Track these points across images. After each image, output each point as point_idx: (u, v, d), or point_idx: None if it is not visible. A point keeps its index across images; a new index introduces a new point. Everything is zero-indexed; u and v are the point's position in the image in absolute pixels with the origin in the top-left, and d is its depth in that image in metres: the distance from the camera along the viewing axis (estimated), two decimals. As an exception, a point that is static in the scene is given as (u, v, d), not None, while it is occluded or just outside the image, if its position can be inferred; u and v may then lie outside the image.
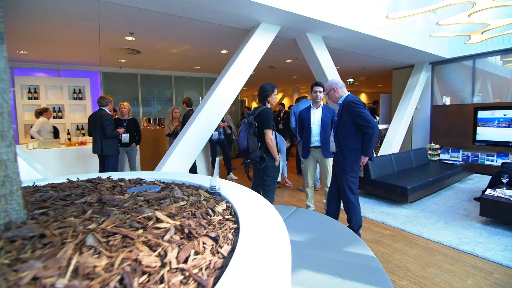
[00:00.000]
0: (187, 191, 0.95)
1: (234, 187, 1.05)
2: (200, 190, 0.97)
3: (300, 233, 1.95)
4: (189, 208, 0.78)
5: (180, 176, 1.30)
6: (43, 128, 4.99)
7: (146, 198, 0.84)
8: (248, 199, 0.90)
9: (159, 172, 1.39)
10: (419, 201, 3.86)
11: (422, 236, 2.78)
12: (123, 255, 0.52)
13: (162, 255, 0.53)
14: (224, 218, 0.74)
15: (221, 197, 0.92)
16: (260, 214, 0.78)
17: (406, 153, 4.89)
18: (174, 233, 0.61)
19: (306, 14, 3.45)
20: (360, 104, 2.36)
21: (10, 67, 5.89)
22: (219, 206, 0.81)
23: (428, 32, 5.05)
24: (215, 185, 0.94)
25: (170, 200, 0.82)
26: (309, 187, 3.50)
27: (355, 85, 11.20)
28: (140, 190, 0.99)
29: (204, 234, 0.62)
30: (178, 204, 0.80)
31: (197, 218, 0.71)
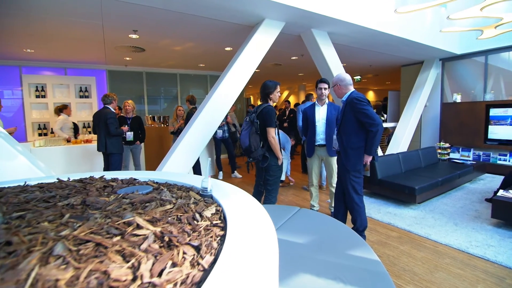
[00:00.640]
0: (177, 193, 0.90)
1: (228, 188, 1.00)
2: (191, 192, 0.92)
3: (302, 235, 1.89)
4: (175, 212, 0.73)
5: (175, 176, 1.25)
6: (64, 125, 5.22)
7: (131, 201, 0.80)
8: (241, 203, 0.84)
9: (153, 172, 1.35)
10: (428, 201, 3.74)
11: (430, 238, 2.68)
12: (91, 266, 0.47)
13: (135, 266, 0.48)
14: (211, 224, 0.68)
15: (212, 200, 0.87)
16: (250, 220, 0.72)
17: (414, 152, 4.76)
18: (153, 241, 0.56)
19: (311, 9, 3.36)
20: (363, 101, 2.27)
21: (18, 65, 5.97)
22: (208, 210, 0.75)
23: (438, 27, 4.89)
24: (206, 186, 0.89)
25: (156, 203, 0.77)
26: (314, 186, 3.43)
27: (362, 82, 11.01)
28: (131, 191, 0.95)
29: (186, 242, 0.57)
30: (164, 207, 0.75)
31: (182, 224, 0.66)
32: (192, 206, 0.77)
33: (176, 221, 0.68)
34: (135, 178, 1.23)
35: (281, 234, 1.89)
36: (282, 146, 4.65)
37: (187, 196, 0.88)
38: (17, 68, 5.98)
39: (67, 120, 5.29)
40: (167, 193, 0.86)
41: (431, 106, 6.55)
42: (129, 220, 0.64)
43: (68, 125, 5.33)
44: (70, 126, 5.40)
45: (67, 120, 5.29)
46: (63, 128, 5.18)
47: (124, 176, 1.25)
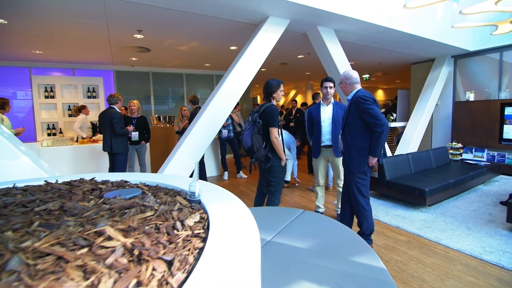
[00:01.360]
0: (163, 197, 0.85)
1: (219, 193, 0.94)
2: (178, 196, 0.86)
3: (304, 239, 1.82)
4: (155, 220, 0.67)
5: (168, 179, 1.20)
6: (83, 124, 5.38)
7: (111, 207, 0.74)
8: (229, 210, 0.78)
9: (146, 173, 1.30)
10: (439, 204, 3.60)
11: (441, 243, 2.56)
12: (45, 284, 0.42)
13: (94, 285, 0.43)
14: (192, 234, 0.62)
15: (200, 206, 0.81)
16: (235, 231, 0.66)
17: (425, 152, 4.60)
18: (122, 255, 0.51)
19: (317, 5, 3.27)
20: (368, 99, 2.17)
21: (27, 67, 6.07)
22: (192, 217, 0.70)
23: (450, 22, 4.71)
24: (194, 191, 0.83)
25: (136, 209, 0.72)
26: (320, 186, 3.34)
27: (371, 81, 10.78)
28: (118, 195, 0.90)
29: (158, 256, 0.51)
30: (144, 214, 0.69)
31: (160, 234, 0.60)
32: (175, 213, 0.71)
33: (154, 231, 0.62)
34: (126, 180, 1.18)
35: (283, 238, 1.82)
36: (288, 147, 4.57)
37: (172, 201, 0.82)
38: (27, 69, 6.09)
39: (85, 120, 5.45)
40: (151, 198, 0.81)
41: (442, 105, 6.34)
42: (100, 229, 0.58)
43: (87, 125, 5.50)
44: (89, 126, 5.58)
45: (85, 120, 5.45)
46: (82, 127, 5.34)
47: (116, 178, 1.21)
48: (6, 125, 3.89)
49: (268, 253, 1.63)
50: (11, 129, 3.94)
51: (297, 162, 4.78)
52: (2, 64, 5.84)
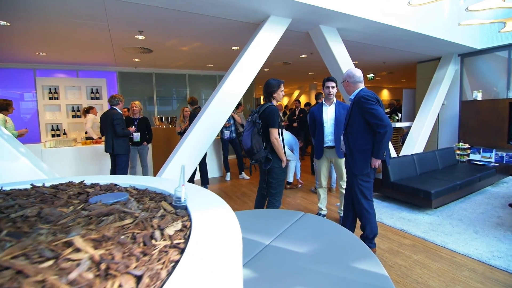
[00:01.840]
0: (147, 203, 0.81)
1: (207, 198, 0.89)
2: (163, 202, 0.82)
3: (304, 243, 1.77)
4: (133, 228, 0.63)
5: (159, 182, 1.16)
6: (94, 124, 5.54)
7: (90, 213, 0.70)
8: (215, 217, 0.73)
9: (138, 176, 1.26)
10: (445, 206, 3.50)
11: (447, 248, 2.48)
12: (-5, 305, 0.37)
13: (51, 305, 0.38)
14: (171, 245, 0.58)
15: (186, 212, 0.77)
16: (218, 241, 0.61)
17: (430, 153, 4.49)
18: (88, 269, 0.46)
19: (319, 4, 3.21)
20: (371, 99, 2.11)
21: (32, 68, 6.13)
22: (173, 226, 0.65)
23: (456, 20, 4.59)
24: (180, 196, 0.79)
25: (115, 216, 0.68)
26: (322, 188, 3.27)
27: (376, 80, 10.65)
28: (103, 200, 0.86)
29: (127, 271, 0.47)
30: (122, 222, 0.65)
31: (135, 244, 0.56)
32: (156, 221, 0.67)
33: (130, 240, 0.58)
34: (116, 183, 1.15)
35: (282, 242, 1.77)
36: (290, 148, 4.51)
37: (156, 207, 0.78)
38: (32, 71, 6.15)
39: (95, 119, 5.57)
40: (133, 204, 0.76)
41: (449, 104, 6.21)
42: (70, 239, 0.54)
43: (97, 124, 5.58)
44: (98, 125, 5.62)
45: (95, 119, 5.57)
46: (93, 126, 5.48)
47: (105, 181, 1.17)
48: (9, 126, 3.90)
49: (265, 258, 1.58)
50: (14, 131, 3.95)
51: (300, 163, 4.72)
52: (7, 66, 5.90)
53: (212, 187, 4.88)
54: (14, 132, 3.93)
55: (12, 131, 3.90)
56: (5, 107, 3.99)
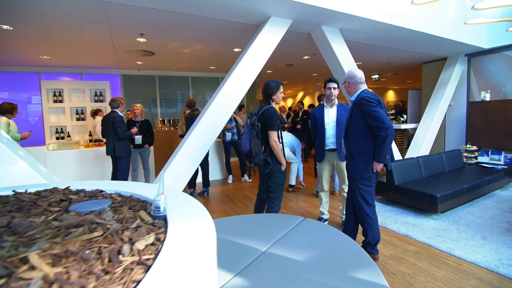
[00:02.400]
0: (125, 212, 0.76)
1: (190, 207, 0.84)
2: (142, 211, 0.77)
3: (301, 250, 1.71)
4: (101, 242, 0.58)
5: (146, 188, 1.12)
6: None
7: (60, 224, 0.66)
8: (193, 229, 0.69)
9: (125, 182, 1.22)
10: (452, 211, 3.39)
11: (454, 254, 2.38)
12: None
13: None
14: (139, 261, 0.53)
15: (165, 223, 0.72)
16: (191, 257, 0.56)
17: (437, 155, 4.38)
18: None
19: (320, 4, 3.16)
20: (372, 101, 2.04)
21: (37, 72, 6.20)
22: (145, 239, 0.60)
23: (462, 19, 4.48)
24: (159, 206, 0.74)
25: (84, 228, 0.64)
26: (324, 192, 3.20)
27: (381, 81, 10.51)
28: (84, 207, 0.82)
29: (79, 294, 0.42)
30: (91, 235, 0.61)
31: (99, 261, 0.51)
32: (127, 234, 0.62)
33: (94, 256, 0.53)
34: (102, 190, 1.11)
35: (278, 249, 1.71)
36: (292, 149, 4.45)
37: (133, 217, 0.73)
38: (37, 74, 6.22)
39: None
40: (108, 214, 0.72)
41: (456, 105, 6.07)
42: (26, 255, 0.50)
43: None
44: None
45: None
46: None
47: (91, 187, 1.14)
48: (12, 129, 3.92)
49: (260, 266, 1.52)
50: (17, 134, 3.97)
51: (302, 165, 4.65)
52: (14, 69, 5.99)
53: (214, 190, 4.84)
54: (17, 135, 3.95)
55: (15, 134, 3.92)
56: (10, 110, 4.02)
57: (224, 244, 1.75)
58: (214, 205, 4.08)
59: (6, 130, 3.79)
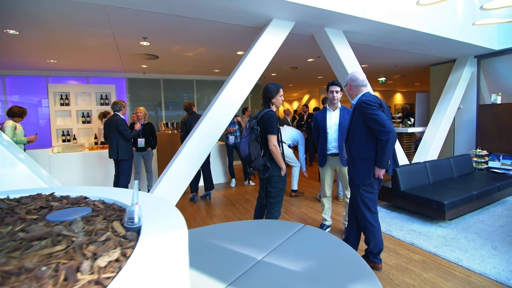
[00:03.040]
0: (98, 222, 0.72)
1: (168, 217, 0.79)
2: (116, 222, 0.73)
3: (299, 260, 1.64)
4: (62, 257, 0.54)
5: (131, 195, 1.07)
6: None
7: (25, 236, 0.62)
8: (166, 243, 0.64)
9: (111, 188, 1.18)
10: (460, 218, 3.26)
11: (462, 265, 2.27)
12: None
13: None
14: (96, 281, 0.49)
15: (137, 235, 0.68)
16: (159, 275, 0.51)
17: (445, 160, 4.24)
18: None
19: (322, 6, 3.10)
20: (373, 104, 1.97)
21: (44, 76, 6.31)
22: (109, 255, 0.56)
23: (470, 19, 4.36)
24: (132, 217, 0.70)
25: (47, 241, 0.59)
26: (327, 197, 3.12)
27: (388, 84, 10.35)
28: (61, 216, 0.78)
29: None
30: (52, 249, 0.57)
31: (53, 279, 0.47)
32: (92, 248, 0.58)
33: (50, 273, 0.49)
34: (86, 196, 1.07)
35: (275, 257, 1.65)
36: (295, 142, 4.36)
37: (105, 228, 0.69)
38: (45, 78, 6.33)
39: None
40: (78, 225, 0.68)
41: (465, 108, 5.90)
42: (-29, 275, 0.46)
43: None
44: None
45: None
46: None
47: (77, 193, 1.10)
48: (18, 133, 3.95)
49: (254, 275, 1.46)
50: (23, 137, 4.00)
51: (305, 156, 4.52)
52: (22, 73, 6.11)
53: (216, 193, 4.80)
54: (23, 138, 3.97)
55: (21, 137, 3.95)
56: (20, 114, 4.08)
57: (219, 252, 1.69)
58: (216, 209, 4.04)
59: (12, 133, 3.83)
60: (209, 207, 4.12)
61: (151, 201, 0.96)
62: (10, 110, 4.00)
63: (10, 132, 3.79)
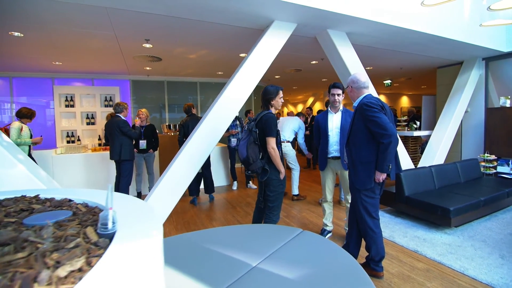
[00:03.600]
0: (71, 228, 0.68)
1: (144, 221, 0.75)
2: (89, 228, 0.69)
3: (295, 267, 1.59)
4: (22, 265, 0.50)
5: (120, 199, 1.04)
6: None
7: (-11, 242, 0.59)
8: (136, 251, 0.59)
9: (95, 191, 1.15)
10: (467, 225, 3.16)
11: (467, 274, 2.18)
12: None
13: None
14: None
15: (108, 242, 0.64)
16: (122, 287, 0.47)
17: (451, 164, 4.13)
18: None
19: (325, 7, 3.06)
20: (374, 106, 1.91)
21: (50, 77, 6.39)
22: (72, 264, 0.52)
23: (478, 20, 4.25)
24: (106, 222, 0.66)
25: (10, 248, 0.56)
26: (328, 202, 3.06)
27: (394, 87, 10.21)
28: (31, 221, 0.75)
29: None
30: (14, 256, 0.53)
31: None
32: (55, 256, 0.54)
33: (5, 284, 0.45)
34: (71, 199, 1.04)
35: (270, 264, 1.60)
36: (296, 130, 4.29)
37: (76, 234, 0.65)
38: (50, 80, 6.41)
39: None
40: (48, 230, 0.64)
41: (473, 112, 5.76)
42: None
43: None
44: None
45: None
46: None
47: (62, 196, 1.07)
48: (24, 134, 3.96)
49: (247, 283, 1.41)
50: (28, 139, 3.99)
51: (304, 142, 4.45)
52: (29, 75, 6.20)
53: (218, 196, 4.76)
54: (27, 140, 3.97)
55: (26, 139, 3.96)
56: (29, 116, 4.11)
57: (212, 257, 1.65)
58: (216, 212, 4.00)
59: (17, 134, 3.85)
60: (209, 210, 4.09)
61: (131, 205, 0.92)
62: (19, 112, 4.04)
63: (15, 133, 3.82)
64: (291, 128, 4.35)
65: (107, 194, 0.67)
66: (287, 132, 4.32)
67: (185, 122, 4.38)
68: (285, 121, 4.44)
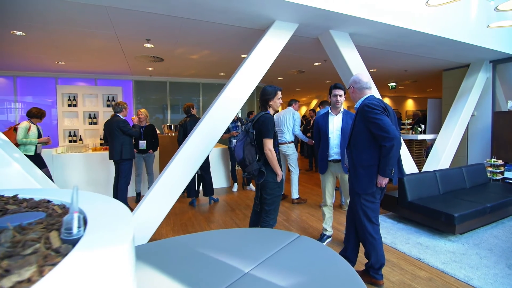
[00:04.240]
0: (33, 232, 0.63)
1: (115, 226, 0.69)
2: (54, 232, 0.64)
3: (289, 273, 1.52)
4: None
5: (101, 202, 0.99)
6: None
7: None
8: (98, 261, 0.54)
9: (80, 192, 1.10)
10: (472, 232, 3.05)
11: (472, 284, 2.08)
12: None
13: None
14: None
15: (71, 248, 0.58)
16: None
17: (456, 169, 4.02)
18: None
19: (327, 7, 3.00)
20: (376, 108, 1.84)
21: (53, 77, 6.42)
22: (20, 274, 0.46)
23: (485, 21, 4.15)
24: (70, 227, 0.60)
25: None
26: (328, 206, 2.98)
27: (399, 89, 10.08)
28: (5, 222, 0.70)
29: None
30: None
31: None
32: (5, 264, 0.49)
33: None
34: (49, 200, 1.00)
35: (262, 270, 1.53)
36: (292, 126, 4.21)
37: (37, 239, 0.60)
38: (54, 79, 6.45)
39: None
40: (7, 235, 0.59)
41: (480, 115, 5.63)
42: None
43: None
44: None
45: None
46: None
47: (41, 196, 1.03)
48: (31, 134, 3.92)
49: (237, 290, 1.35)
50: (35, 139, 3.94)
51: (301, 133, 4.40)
52: (33, 75, 6.24)
53: (217, 198, 4.71)
54: (34, 140, 3.92)
55: (33, 139, 3.91)
56: (39, 116, 4.11)
57: (204, 262, 1.59)
58: (214, 214, 3.94)
59: (24, 134, 3.83)
60: (208, 212, 4.03)
61: (107, 207, 0.87)
62: (29, 112, 4.06)
63: (22, 133, 3.81)
64: (288, 127, 4.26)
65: (72, 196, 0.62)
66: (287, 134, 4.24)
67: (184, 122, 4.35)
68: (281, 118, 4.35)
